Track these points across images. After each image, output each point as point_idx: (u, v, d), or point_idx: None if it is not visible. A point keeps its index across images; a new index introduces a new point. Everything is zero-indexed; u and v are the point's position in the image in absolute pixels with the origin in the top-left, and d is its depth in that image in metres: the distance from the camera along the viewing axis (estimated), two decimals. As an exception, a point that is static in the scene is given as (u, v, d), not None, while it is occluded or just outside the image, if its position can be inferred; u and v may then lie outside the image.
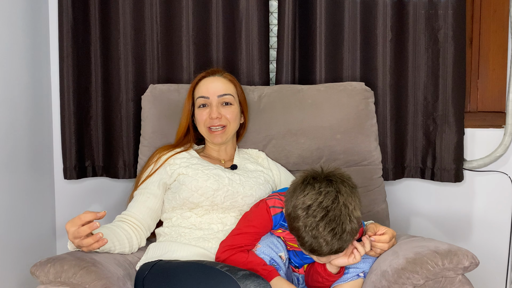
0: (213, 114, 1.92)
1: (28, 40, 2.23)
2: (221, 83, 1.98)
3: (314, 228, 1.48)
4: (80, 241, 1.56)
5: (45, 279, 1.54)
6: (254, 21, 2.28)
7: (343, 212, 1.49)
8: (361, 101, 2.14)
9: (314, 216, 1.48)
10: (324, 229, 1.47)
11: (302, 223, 1.49)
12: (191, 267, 1.60)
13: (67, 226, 1.56)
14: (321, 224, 1.47)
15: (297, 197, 1.53)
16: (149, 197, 1.89)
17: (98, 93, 2.37)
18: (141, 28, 2.32)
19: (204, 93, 1.97)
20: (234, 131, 2.01)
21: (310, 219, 1.48)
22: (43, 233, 2.37)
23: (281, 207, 1.66)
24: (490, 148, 2.32)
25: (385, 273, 1.57)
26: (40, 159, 2.34)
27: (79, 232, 1.54)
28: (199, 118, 1.97)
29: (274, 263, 1.62)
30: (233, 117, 1.96)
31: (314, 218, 1.48)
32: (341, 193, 1.51)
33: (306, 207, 1.50)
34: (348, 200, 1.51)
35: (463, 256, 1.53)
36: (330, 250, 1.50)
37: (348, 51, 2.29)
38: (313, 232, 1.48)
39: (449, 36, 2.23)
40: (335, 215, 1.48)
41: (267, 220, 1.68)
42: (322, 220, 1.47)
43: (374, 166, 2.13)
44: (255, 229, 1.69)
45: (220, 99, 1.95)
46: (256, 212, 1.72)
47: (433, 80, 2.27)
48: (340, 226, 1.48)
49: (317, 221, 1.48)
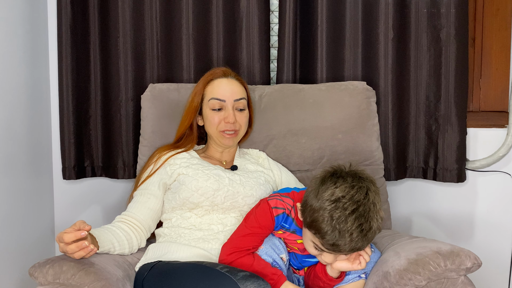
0: (231, 119, 1.91)
1: (26, 38, 2.23)
2: (236, 86, 1.96)
3: (342, 222, 1.44)
4: (64, 246, 1.54)
5: (44, 280, 1.53)
6: (255, 19, 2.28)
7: (371, 209, 1.47)
8: (362, 100, 2.13)
9: (344, 208, 1.44)
10: (353, 223, 1.44)
11: (329, 215, 1.45)
12: (191, 268, 1.59)
13: (56, 239, 1.56)
14: (351, 219, 1.44)
15: (326, 188, 1.49)
16: (150, 197, 1.88)
17: (97, 93, 2.36)
18: (140, 26, 2.32)
19: (220, 96, 1.93)
20: (243, 134, 2.02)
21: (340, 211, 1.44)
22: (41, 234, 2.36)
23: (282, 208, 1.65)
24: (493, 148, 2.32)
25: (386, 274, 1.56)
26: (38, 159, 2.33)
27: (62, 237, 1.52)
28: (212, 121, 1.94)
29: (276, 264, 1.62)
30: (245, 123, 1.98)
31: (344, 211, 1.44)
32: (371, 190, 1.49)
33: (336, 199, 1.46)
34: (376, 199, 1.49)
35: (465, 257, 1.53)
36: (352, 247, 1.47)
37: (349, 50, 2.29)
38: (341, 226, 1.44)
39: (451, 35, 2.22)
40: (364, 210, 1.45)
41: (270, 221, 1.66)
42: (352, 214, 1.44)
43: (376, 166, 2.12)
44: (261, 229, 1.68)
45: (236, 104, 1.94)
46: (259, 212, 1.70)
47: (435, 80, 2.27)
48: (368, 223, 1.45)
49: (346, 215, 1.44)
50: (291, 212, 1.66)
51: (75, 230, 1.52)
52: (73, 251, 1.53)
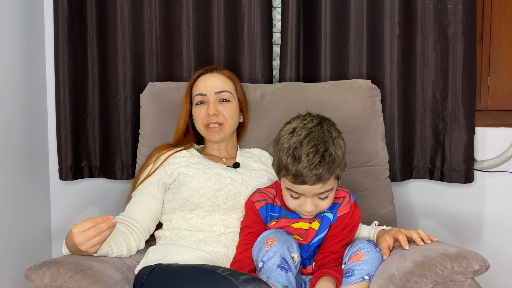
0: (210, 110, 1.93)
1: (22, 35, 2.23)
2: (218, 79, 1.99)
3: (298, 147, 1.57)
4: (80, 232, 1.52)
5: (40, 283, 1.53)
6: (257, 16, 2.27)
7: (326, 135, 1.60)
8: (367, 99, 2.12)
9: (298, 135, 1.59)
10: (307, 145, 1.56)
11: (287, 145, 1.59)
12: (192, 271, 1.59)
13: (74, 230, 1.54)
14: (305, 142, 1.57)
15: (283, 128, 1.66)
16: (149, 198, 1.88)
17: (95, 91, 2.36)
18: (139, 23, 2.32)
19: (201, 90, 1.97)
20: (232, 129, 2.00)
21: (295, 138, 1.59)
22: (38, 236, 2.36)
23: (264, 199, 1.75)
24: (501, 148, 2.31)
25: (392, 277, 1.55)
26: (34, 159, 2.33)
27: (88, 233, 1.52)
28: (196, 116, 1.98)
29: (285, 263, 1.61)
30: (230, 115, 1.97)
31: (298, 137, 1.58)
32: (325, 122, 1.64)
33: (291, 131, 1.62)
34: (331, 129, 1.63)
35: (473, 259, 1.51)
36: (316, 174, 1.55)
37: (354, 47, 2.28)
38: (297, 151, 1.56)
39: (458, 32, 2.21)
40: (318, 135, 1.59)
41: (254, 216, 1.75)
42: (306, 137, 1.58)
43: (381, 167, 2.11)
44: (250, 229, 1.75)
45: (217, 96, 1.96)
46: (245, 212, 1.80)
47: (442, 78, 2.26)
48: (323, 145, 1.57)
49: (301, 139, 1.57)
50: (275, 200, 1.75)
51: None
52: (102, 229, 1.52)
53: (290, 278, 1.59)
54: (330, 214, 1.73)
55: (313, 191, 1.60)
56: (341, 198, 1.75)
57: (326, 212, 1.72)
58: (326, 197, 1.63)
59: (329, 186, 1.60)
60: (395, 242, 1.72)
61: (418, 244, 1.65)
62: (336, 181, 1.64)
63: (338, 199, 1.74)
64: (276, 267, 1.59)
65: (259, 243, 1.66)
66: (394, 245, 1.72)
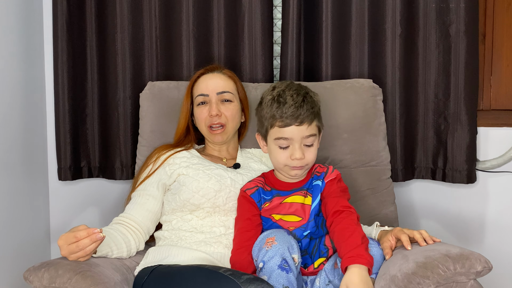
0: (213, 111, 1.92)
1: (21, 34, 2.22)
2: (220, 79, 1.98)
3: (280, 94, 1.74)
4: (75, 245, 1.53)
5: (39, 284, 1.53)
6: (257, 15, 2.27)
7: (305, 89, 1.79)
8: (369, 98, 2.12)
9: (279, 87, 1.77)
10: (289, 91, 1.74)
11: (271, 96, 1.75)
12: (193, 271, 1.59)
13: (59, 242, 1.55)
14: (287, 90, 1.75)
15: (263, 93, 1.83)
16: (148, 199, 1.88)
17: (94, 91, 2.35)
18: (139, 22, 2.32)
19: (203, 91, 1.96)
20: (234, 129, 1.99)
21: (277, 91, 1.75)
22: (36, 237, 2.35)
23: (255, 186, 1.81)
24: (504, 148, 2.29)
25: (394, 278, 1.54)
26: (33, 159, 2.32)
27: (75, 234, 1.52)
28: (199, 117, 1.96)
29: (285, 263, 1.60)
30: (232, 115, 1.96)
31: (280, 88, 1.76)
32: (303, 86, 1.81)
33: (272, 88, 1.79)
34: (309, 89, 1.81)
35: (475, 260, 1.50)
36: (300, 114, 1.69)
37: (355, 46, 2.28)
38: (281, 96, 1.73)
39: (461, 31, 2.21)
40: (297, 86, 1.77)
41: (248, 203, 1.79)
42: (286, 87, 1.76)
43: (383, 167, 2.11)
44: (245, 216, 1.79)
45: (219, 97, 1.95)
46: (238, 205, 1.83)
47: (444, 77, 2.25)
48: (303, 90, 1.76)
49: (283, 89, 1.75)
50: (265, 186, 1.82)
51: (80, 239, 1.54)
52: (85, 245, 1.53)
53: (291, 279, 1.58)
54: (318, 181, 1.77)
55: (300, 134, 1.70)
56: (325, 167, 1.81)
57: (315, 181, 1.78)
58: (312, 145, 1.73)
59: (313, 130, 1.72)
60: (397, 242, 1.71)
61: (421, 244, 1.64)
62: (318, 132, 1.76)
63: (323, 168, 1.81)
64: (277, 267, 1.58)
65: (259, 243, 1.65)
66: (396, 245, 1.71)
